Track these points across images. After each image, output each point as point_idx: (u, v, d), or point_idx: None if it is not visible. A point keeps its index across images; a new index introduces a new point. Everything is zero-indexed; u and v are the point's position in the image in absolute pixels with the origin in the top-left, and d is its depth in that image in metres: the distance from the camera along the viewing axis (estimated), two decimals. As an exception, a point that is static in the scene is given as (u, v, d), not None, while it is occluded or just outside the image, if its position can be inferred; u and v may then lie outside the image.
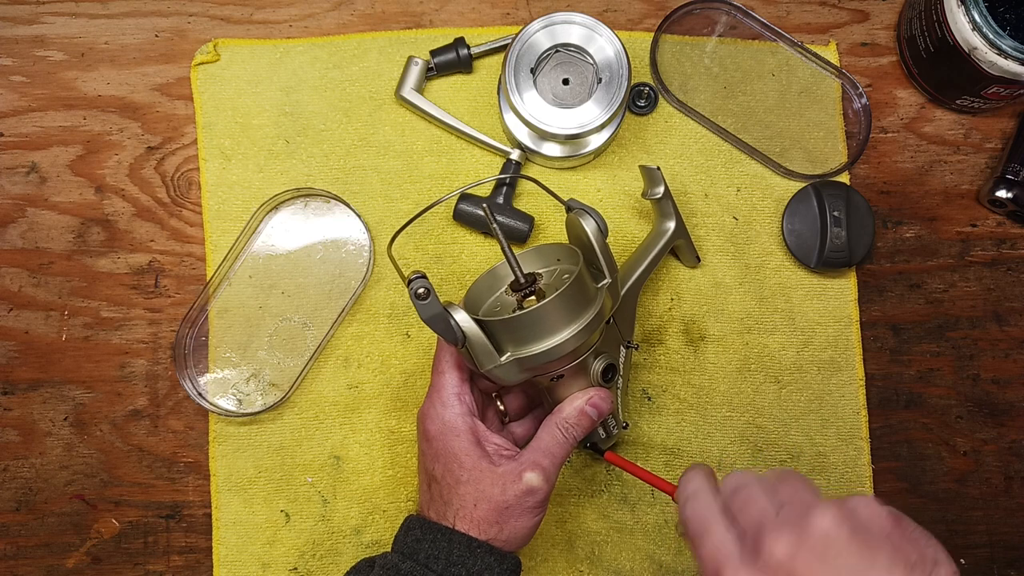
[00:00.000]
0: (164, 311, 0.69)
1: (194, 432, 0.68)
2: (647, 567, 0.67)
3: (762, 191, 0.70)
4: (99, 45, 0.71)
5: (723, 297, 0.69)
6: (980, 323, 0.69)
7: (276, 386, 0.68)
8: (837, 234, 0.67)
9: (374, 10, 0.71)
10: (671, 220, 0.65)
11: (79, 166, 0.70)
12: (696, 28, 0.70)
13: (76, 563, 0.68)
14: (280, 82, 0.70)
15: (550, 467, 0.54)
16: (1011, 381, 0.69)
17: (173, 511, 0.68)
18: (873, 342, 0.69)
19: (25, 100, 0.70)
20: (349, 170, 0.69)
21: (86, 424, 0.68)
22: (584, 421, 0.56)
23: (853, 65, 0.71)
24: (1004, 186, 0.67)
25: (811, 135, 0.70)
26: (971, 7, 0.61)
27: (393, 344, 0.68)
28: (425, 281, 0.51)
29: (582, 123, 0.63)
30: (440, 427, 0.55)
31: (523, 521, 0.54)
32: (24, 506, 0.68)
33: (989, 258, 0.70)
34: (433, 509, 0.55)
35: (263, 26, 0.71)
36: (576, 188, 0.70)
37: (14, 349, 0.69)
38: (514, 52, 0.63)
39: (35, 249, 0.69)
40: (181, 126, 0.70)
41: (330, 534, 0.67)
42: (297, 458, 0.67)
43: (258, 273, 0.69)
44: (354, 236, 0.69)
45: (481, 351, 0.53)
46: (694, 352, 0.69)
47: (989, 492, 0.68)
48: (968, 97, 0.67)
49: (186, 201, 0.70)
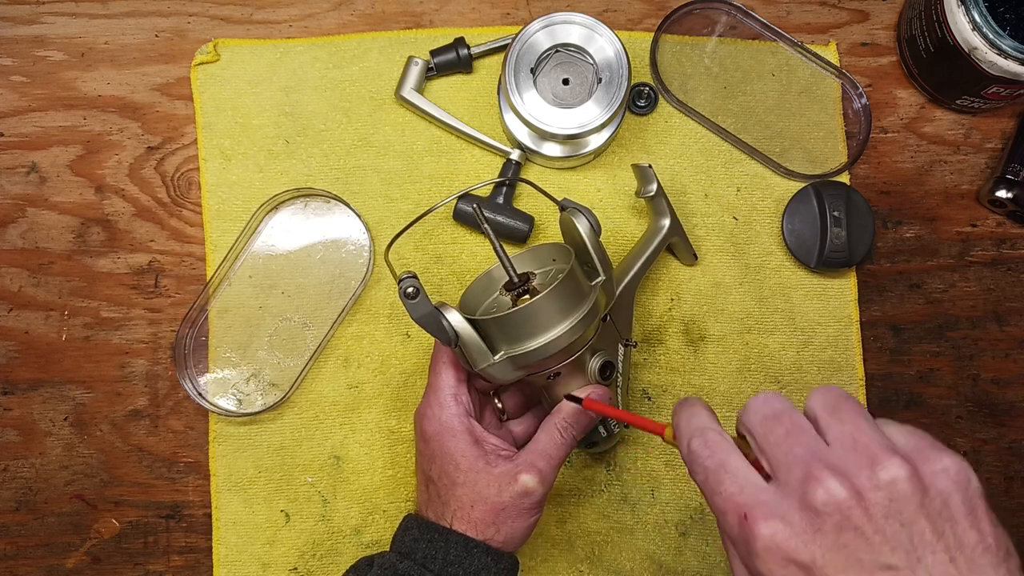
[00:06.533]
0: (164, 311, 0.69)
1: (194, 432, 0.68)
2: (647, 567, 0.67)
3: (762, 191, 0.70)
4: (99, 45, 0.71)
5: (723, 297, 0.69)
6: (980, 323, 0.69)
7: (276, 386, 0.68)
8: (837, 234, 0.67)
9: (374, 10, 0.71)
10: (666, 218, 0.65)
11: (79, 166, 0.70)
12: (696, 28, 0.70)
13: (76, 563, 0.68)
14: (280, 82, 0.70)
15: (546, 468, 0.54)
16: (1011, 381, 0.69)
17: (173, 511, 0.68)
18: (873, 342, 0.69)
19: (25, 100, 0.70)
20: (349, 170, 0.69)
21: (86, 424, 0.68)
22: (583, 419, 0.56)
23: (853, 65, 0.71)
24: (1004, 186, 0.67)
25: (811, 135, 0.70)
26: (971, 7, 0.61)
27: (393, 344, 0.68)
28: (415, 280, 0.52)
29: (582, 123, 0.63)
30: (437, 427, 0.55)
31: (520, 522, 0.54)
32: (24, 506, 0.68)
33: (989, 258, 0.70)
34: (431, 509, 0.55)
35: (263, 26, 0.71)
36: (576, 188, 0.70)
37: (14, 349, 0.69)
38: (514, 52, 0.63)
39: (35, 249, 0.69)
40: (181, 126, 0.70)
41: (330, 534, 0.67)
42: (297, 458, 0.67)
43: (258, 273, 0.69)
44: (354, 236, 0.69)
45: (474, 350, 0.53)
46: (694, 352, 0.69)
47: (989, 492, 0.68)
48: (968, 97, 0.67)
49: (186, 201, 0.70)
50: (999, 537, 0.36)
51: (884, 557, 0.34)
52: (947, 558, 0.34)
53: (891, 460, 0.35)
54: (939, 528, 0.35)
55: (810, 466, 0.36)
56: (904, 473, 0.35)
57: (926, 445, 0.37)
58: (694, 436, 0.40)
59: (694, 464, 0.40)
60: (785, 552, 0.35)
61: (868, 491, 0.35)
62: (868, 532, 0.35)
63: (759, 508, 0.36)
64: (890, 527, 0.35)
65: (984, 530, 0.35)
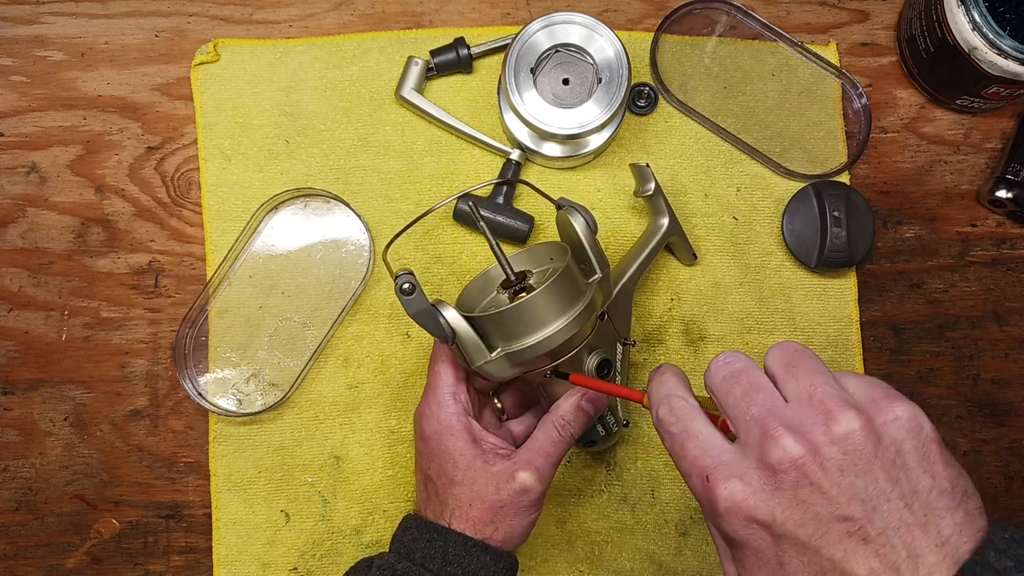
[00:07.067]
0: (164, 311, 0.69)
1: (194, 432, 0.68)
2: (647, 567, 0.67)
3: (762, 191, 0.70)
4: (99, 45, 0.71)
5: (723, 297, 0.69)
6: (980, 323, 0.69)
7: (276, 386, 0.68)
8: (837, 234, 0.67)
9: (374, 10, 0.71)
10: (664, 217, 0.65)
11: (79, 166, 0.70)
12: (696, 28, 0.70)
13: (76, 563, 0.68)
14: (280, 82, 0.70)
15: (544, 466, 0.54)
16: (1011, 381, 0.69)
17: (173, 511, 0.68)
18: (873, 342, 0.69)
19: (25, 100, 0.70)
20: (349, 170, 0.69)
21: (86, 424, 0.68)
22: (581, 417, 0.56)
23: (853, 65, 0.71)
24: (1004, 186, 0.67)
25: (811, 135, 0.70)
26: (971, 7, 0.61)
27: (393, 344, 0.68)
28: (411, 277, 0.52)
29: (582, 123, 0.63)
30: (435, 426, 0.55)
31: (518, 520, 0.54)
32: (24, 506, 0.68)
33: (989, 258, 0.70)
34: (430, 508, 0.55)
35: (263, 26, 0.71)
36: (576, 188, 0.70)
37: (14, 349, 0.69)
38: (514, 52, 0.63)
39: (35, 249, 0.69)
40: (181, 126, 0.70)
41: (330, 534, 0.67)
42: (297, 458, 0.67)
43: (258, 273, 0.69)
44: (354, 236, 0.69)
45: (471, 347, 0.53)
46: (694, 352, 0.68)
47: (989, 492, 0.68)
48: (968, 97, 0.67)
49: (186, 201, 0.70)
50: (954, 479, 0.36)
51: (841, 509, 0.35)
52: (902, 504, 0.35)
53: (845, 413, 0.36)
54: (893, 476, 0.35)
55: (766, 424, 0.37)
56: (857, 425, 0.36)
57: (880, 395, 0.37)
58: (661, 404, 0.41)
59: (661, 431, 0.41)
60: (745, 511, 0.36)
61: (823, 446, 0.36)
62: (824, 486, 0.35)
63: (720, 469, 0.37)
64: (845, 480, 0.35)
65: (938, 474, 0.36)
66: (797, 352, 0.40)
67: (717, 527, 0.38)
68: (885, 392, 0.38)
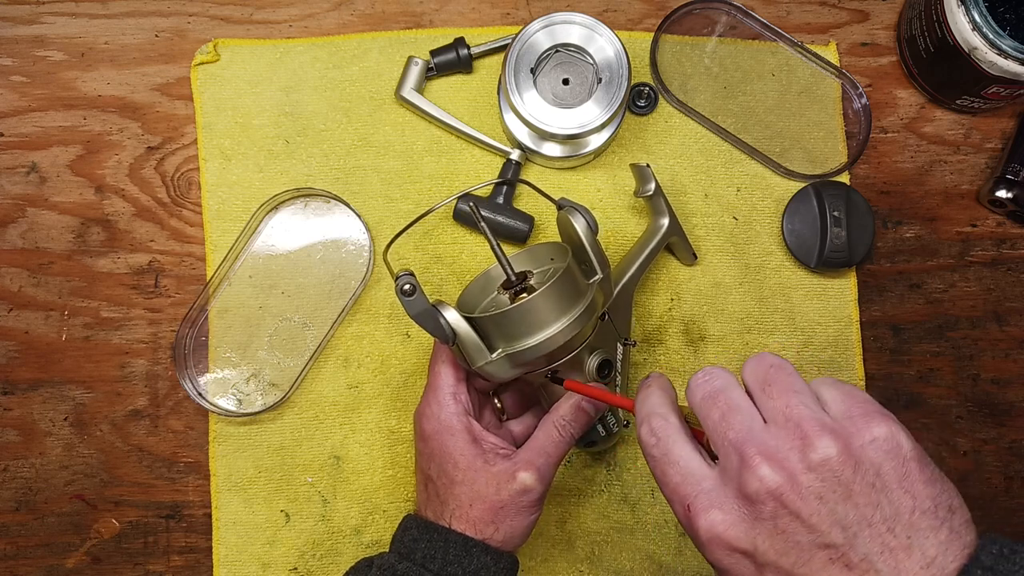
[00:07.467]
0: (164, 311, 0.69)
1: (194, 432, 0.68)
2: (647, 567, 0.67)
3: (762, 191, 0.70)
4: (99, 45, 0.71)
5: (723, 297, 0.69)
6: (980, 323, 0.69)
7: (276, 386, 0.68)
8: (837, 234, 0.67)
9: (374, 10, 0.71)
10: (664, 217, 0.65)
11: (79, 166, 0.70)
12: (696, 28, 0.70)
13: (76, 563, 0.68)
14: (280, 82, 0.70)
15: (544, 466, 0.54)
16: (1011, 381, 0.69)
17: (173, 511, 0.68)
18: (873, 342, 0.69)
19: (25, 100, 0.70)
20: (349, 170, 0.69)
21: (86, 424, 0.68)
22: (581, 417, 0.56)
23: (853, 65, 0.71)
24: (1004, 186, 0.67)
25: (811, 135, 0.70)
26: (971, 7, 0.61)
27: (393, 344, 0.68)
28: (411, 278, 0.52)
29: (582, 123, 0.63)
30: (436, 426, 0.55)
31: (519, 520, 0.54)
32: (24, 506, 0.68)
33: (989, 258, 0.70)
34: (430, 509, 0.55)
35: (263, 26, 0.71)
36: (576, 188, 0.70)
37: (14, 349, 0.69)
38: (514, 52, 0.63)
39: (35, 249, 0.69)
40: (181, 126, 0.70)
41: (330, 534, 0.67)
42: (297, 458, 0.67)
43: (258, 273, 0.69)
44: (354, 236, 0.69)
45: (472, 347, 0.53)
46: (694, 352, 0.69)
47: (989, 492, 0.68)
48: (968, 97, 0.67)
49: (186, 201, 0.70)
50: (936, 496, 0.36)
51: (822, 537, 0.35)
52: (884, 528, 0.35)
53: (821, 439, 0.36)
54: (874, 500, 0.35)
55: (744, 451, 0.36)
56: (834, 451, 0.36)
57: (858, 411, 0.37)
58: (643, 423, 0.41)
59: (644, 452, 0.41)
60: (726, 541, 0.36)
61: (800, 474, 0.35)
62: (804, 515, 0.35)
63: (699, 499, 0.37)
64: (825, 507, 0.35)
65: (919, 493, 0.35)
66: (773, 368, 0.39)
67: (702, 553, 0.38)
68: (863, 408, 0.37)
